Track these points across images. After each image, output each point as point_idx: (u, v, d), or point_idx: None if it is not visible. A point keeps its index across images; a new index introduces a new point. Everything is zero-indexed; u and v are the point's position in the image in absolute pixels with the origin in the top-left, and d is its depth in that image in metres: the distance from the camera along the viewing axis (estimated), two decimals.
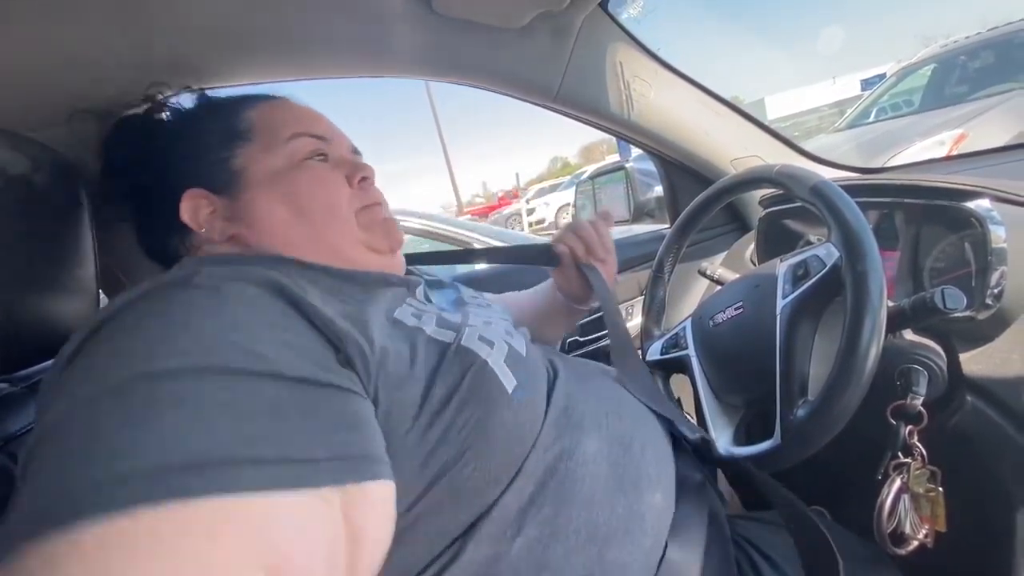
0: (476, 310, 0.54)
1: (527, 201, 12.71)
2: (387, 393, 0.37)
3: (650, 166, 1.17)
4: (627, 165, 1.15)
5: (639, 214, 1.19)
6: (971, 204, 0.57)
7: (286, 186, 0.50)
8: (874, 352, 0.47)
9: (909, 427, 0.54)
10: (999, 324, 0.56)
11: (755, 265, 0.97)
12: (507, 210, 13.93)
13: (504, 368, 0.43)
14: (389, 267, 0.54)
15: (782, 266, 0.61)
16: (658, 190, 1.15)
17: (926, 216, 0.64)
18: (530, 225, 11.33)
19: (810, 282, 0.55)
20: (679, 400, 0.82)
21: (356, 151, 0.59)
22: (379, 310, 0.44)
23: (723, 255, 1.09)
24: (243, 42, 0.68)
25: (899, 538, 0.56)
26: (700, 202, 0.76)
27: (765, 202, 0.86)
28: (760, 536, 0.56)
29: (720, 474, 0.76)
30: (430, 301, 0.55)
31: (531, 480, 0.42)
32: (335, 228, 0.51)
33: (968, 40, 4.19)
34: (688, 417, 0.72)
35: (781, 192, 0.68)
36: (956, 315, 0.50)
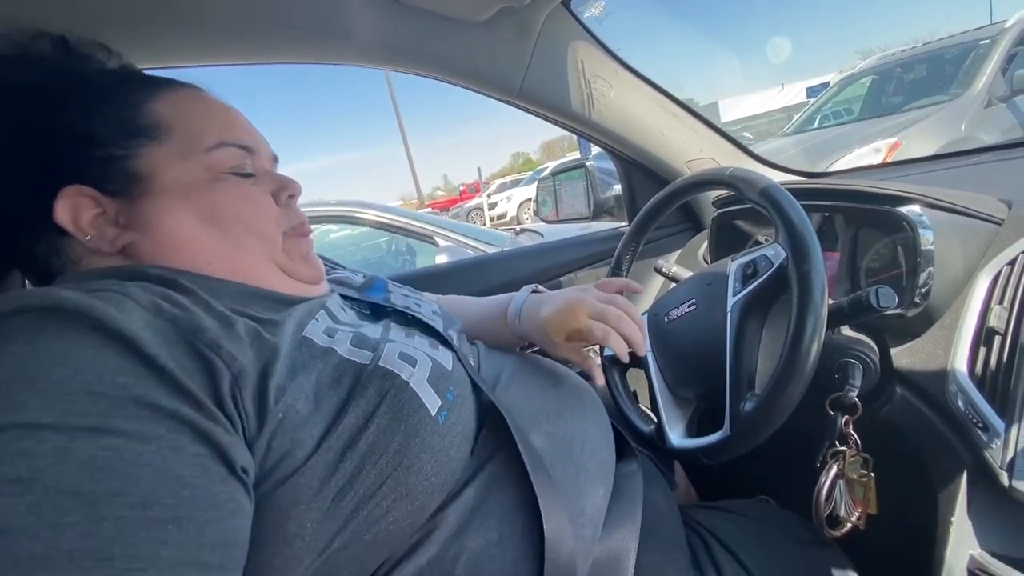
0: (397, 326, 0.50)
1: (488, 196, 12.69)
2: (284, 434, 0.34)
3: (610, 164, 1.19)
4: (587, 163, 1.17)
5: (599, 211, 1.21)
6: (903, 209, 0.61)
7: (204, 200, 0.44)
8: (815, 348, 0.50)
9: (845, 417, 0.57)
10: (926, 321, 0.60)
11: (707, 263, 1.01)
12: (469, 204, 13.86)
13: (427, 388, 0.41)
14: (309, 293, 0.49)
15: (732, 265, 0.63)
16: (617, 188, 1.18)
17: (863, 219, 0.68)
18: (491, 220, 11.33)
19: (758, 281, 0.58)
20: (635, 393, 0.84)
21: (275, 159, 0.53)
22: (287, 331, 0.40)
23: (678, 253, 1.12)
24: (199, 19, 0.65)
25: (835, 521, 0.60)
26: (657, 202, 0.79)
27: (718, 203, 0.90)
28: (715, 524, 0.59)
29: (679, 466, 0.79)
30: (346, 311, 0.51)
31: (471, 495, 0.42)
32: (258, 250, 0.46)
33: (904, 53, 4.48)
34: (644, 411, 0.75)
35: (733, 194, 0.71)
36: (888, 312, 0.53)
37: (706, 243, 1.03)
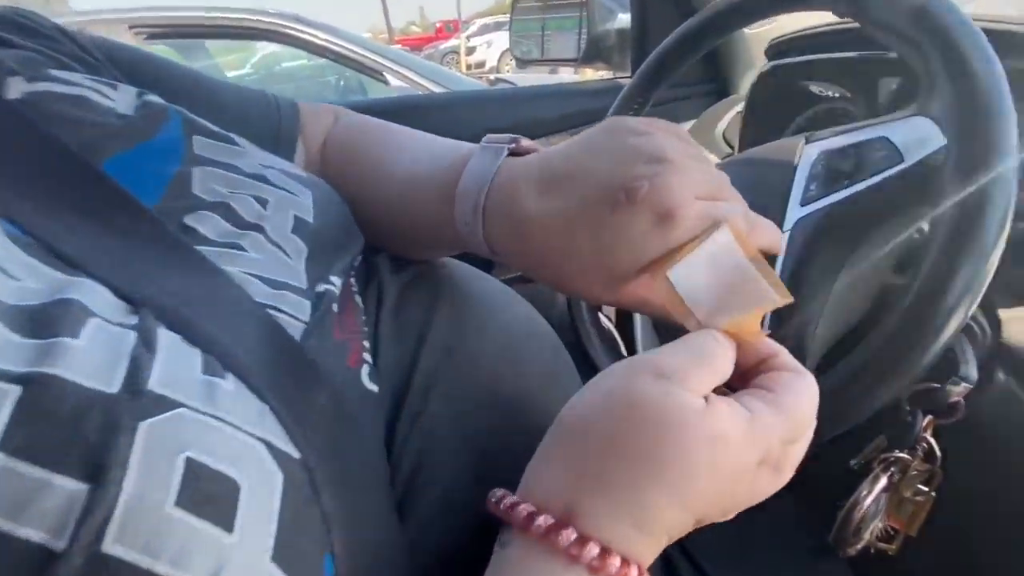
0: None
1: (467, 38, 11.26)
2: None
3: None
4: None
5: (592, 53, 0.88)
6: None
7: None
8: (962, 315, 0.27)
9: (928, 417, 0.37)
10: None
11: (730, 148, 0.73)
12: (444, 45, 12.28)
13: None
14: None
15: (810, 150, 0.37)
16: (623, 20, 0.83)
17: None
18: (468, 67, 10.16)
19: (865, 184, 0.32)
20: (602, 316, 0.63)
21: None
22: None
23: (688, 126, 0.83)
24: None
25: (854, 535, 0.43)
26: (684, 35, 0.49)
27: (775, 48, 0.60)
28: None
29: None
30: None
31: None
32: None
33: None
34: (613, 351, 0.53)
35: (810, 36, 0.42)
36: None
37: (731, 115, 0.74)
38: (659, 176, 0.23)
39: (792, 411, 0.21)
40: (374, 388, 0.26)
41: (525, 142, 0.29)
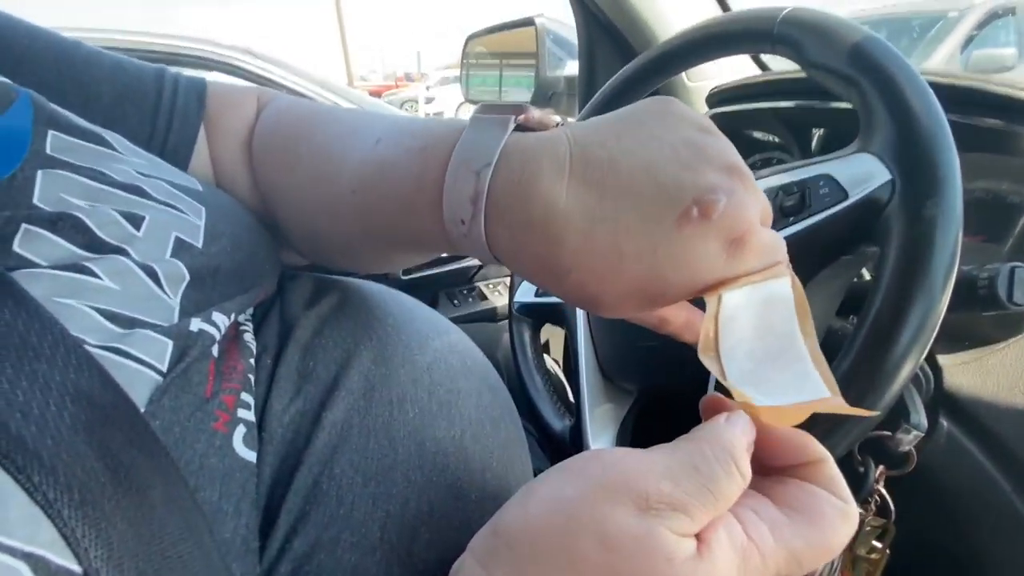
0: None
1: (428, 88, 11.55)
2: None
3: (572, 36, 0.86)
4: (538, 20, 0.82)
5: (541, 95, 0.88)
6: None
7: None
8: (913, 361, 0.26)
9: (880, 468, 0.35)
10: (1016, 324, 0.38)
11: None
12: (404, 92, 12.54)
13: None
14: None
15: None
16: (572, 67, 0.85)
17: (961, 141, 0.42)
18: (427, 115, 10.38)
19: (809, 221, 0.31)
20: (548, 359, 0.59)
21: None
22: None
23: None
24: None
25: None
26: (624, 79, 0.48)
27: (717, 96, 0.61)
28: None
29: None
30: None
31: None
32: None
33: (876, 10, 4.31)
34: (559, 397, 0.49)
35: (748, 82, 0.43)
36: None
37: None
38: (736, 193, 0.19)
39: (807, 547, 0.16)
40: (250, 455, 0.21)
41: (536, 112, 0.22)
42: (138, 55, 0.33)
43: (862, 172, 0.29)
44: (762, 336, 0.19)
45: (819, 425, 0.27)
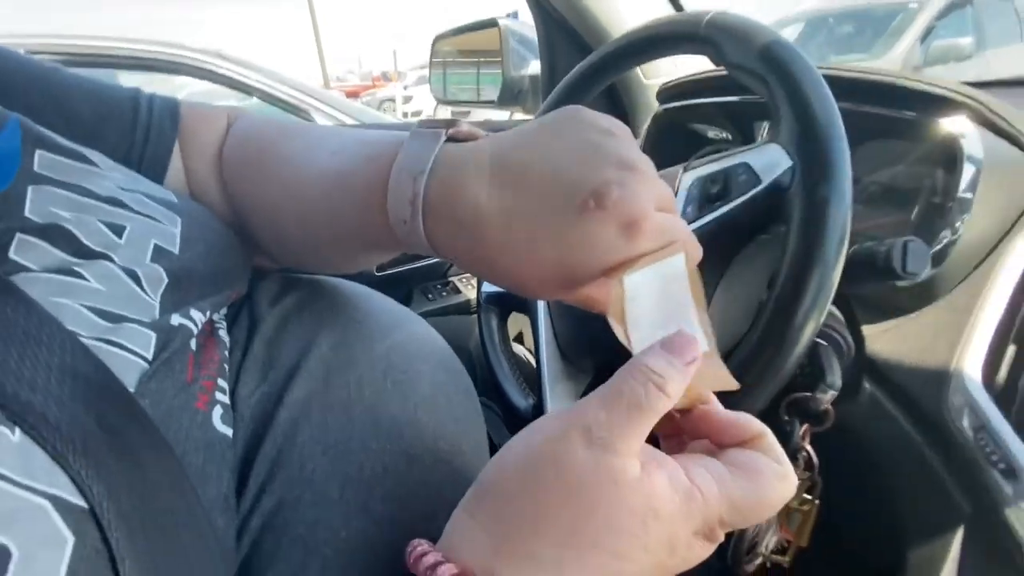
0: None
1: (405, 87, 11.49)
2: None
3: (533, 35, 0.88)
4: (502, 21, 0.85)
5: (507, 97, 0.91)
6: (946, 120, 0.40)
7: None
8: (813, 324, 0.29)
9: (804, 426, 0.39)
10: (926, 294, 0.42)
11: None
12: (381, 92, 12.45)
13: None
14: None
15: (686, 177, 0.40)
16: (537, 67, 0.88)
17: (872, 129, 0.46)
18: (405, 115, 10.32)
19: (729, 205, 0.35)
20: (518, 340, 0.62)
21: None
22: None
23: None
24: None
25: (749, 550, 0.43)
26: (576, 77, 0.52)
27: (666, 93, 0.65)
28: None
29: None
30: None
31: None
32: None
33: (841, 5, 4.40)
34: (525, 379, 0.53)
35: (690, 81, 0.47)
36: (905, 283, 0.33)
37: None
38: (627, 184, 0.22)
39: (745, 498, 0.19)
40: (227, 431, 0.24)
41: (465, 126, 0.26)
42: (98, 60, 0.34)
43: (772, 160, 0.33)
44: (661, 307, 0.22)
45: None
